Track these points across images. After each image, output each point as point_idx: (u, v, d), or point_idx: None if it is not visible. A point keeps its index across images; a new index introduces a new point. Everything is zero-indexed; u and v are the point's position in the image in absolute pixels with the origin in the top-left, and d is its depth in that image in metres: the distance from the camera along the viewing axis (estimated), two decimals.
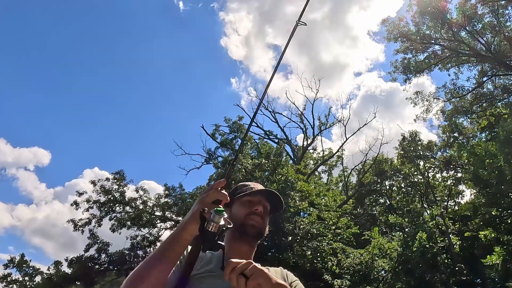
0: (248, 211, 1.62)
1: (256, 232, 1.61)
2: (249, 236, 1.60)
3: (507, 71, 20.78)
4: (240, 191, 1.72)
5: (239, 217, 1.62)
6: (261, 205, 1.65)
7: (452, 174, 23.52)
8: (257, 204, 1.64)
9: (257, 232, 1.61)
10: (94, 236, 19.60)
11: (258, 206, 1.63)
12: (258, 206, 1.64)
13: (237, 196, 1.69)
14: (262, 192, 1.68)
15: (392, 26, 20.82)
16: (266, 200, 1.69)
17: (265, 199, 1.68)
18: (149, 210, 20.41)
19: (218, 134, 21.02)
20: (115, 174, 20.48)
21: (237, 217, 1.62)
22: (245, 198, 1.66)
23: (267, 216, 1.70)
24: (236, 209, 1.67)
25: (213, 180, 21.11)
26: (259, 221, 1.62)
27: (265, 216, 1.66)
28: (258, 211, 1.62)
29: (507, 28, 20.09)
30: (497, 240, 11.83)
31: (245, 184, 1.77)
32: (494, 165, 11.09)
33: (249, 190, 1.68)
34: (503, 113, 15.77)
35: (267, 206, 1.70)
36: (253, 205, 1.64)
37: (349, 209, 23.50)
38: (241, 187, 1.75)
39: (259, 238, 1.64)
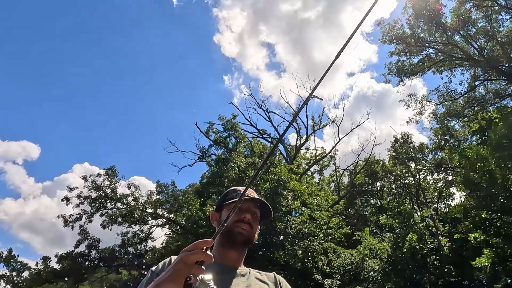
0: (236, 218, 1.61)
1: (243, 240, 1.61)
2: (237, 244, 1.61)
3: (499, 76, 21.03)
4: (230, 197, 1.73)
5: (228, 224, 1.57)
6: (249, 213, 1.65)
7: (443, 176, 23.78)
8: (245, 211, 1.64)
9: (245, 240, 1.62)
10: (84, 232, 19.45)
11: (246, 214, 1.63)
12: (246, 213, 1.63)
13: (226, 202, 1.70)
14: (251, 200, 1.68)
15: (387, 28, 20.93)
16: (256, 207, 1.70)
17: (254, 206, 1.69)
18: (141, 207, 20.30)
19: (212, 132, 21.02)
20: (107, 170, 20.34)
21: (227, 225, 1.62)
22: (233, 205, 1.64)
23: (257, 223, 1.70)
24: (224, 216, 1.65)
25: (206, 178, 21.06)
26: (247, 228, 1.62)
27: (254, 223, 1.66)
28: (246, 219, 1.62)
29: (500, 34, 20.32)
30: (487, 243, 12.00)
31: (235, 189, 1.78)
32: (485, 168, 11.24)
33: (238, 196, 1.65)
34: (494, 118, 15.92)
35: (257, 212, 1.70)
36: (241, 212, 1.63)
37: (340, 209, 23.63)
38: (231, 193, 1.76)
39: (247, 245, 1.65)
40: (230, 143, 20.13)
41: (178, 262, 1.14)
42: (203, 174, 21.83)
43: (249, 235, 1.64)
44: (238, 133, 20.27)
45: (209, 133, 21.03)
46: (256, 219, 1.70)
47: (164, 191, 20.88)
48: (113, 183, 19.99)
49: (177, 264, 1.14)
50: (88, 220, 19.72)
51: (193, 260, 1.12)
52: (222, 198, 1.78)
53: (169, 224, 21.18)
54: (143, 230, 20.70)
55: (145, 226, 20.59)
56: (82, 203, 19.65)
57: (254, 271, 1.66)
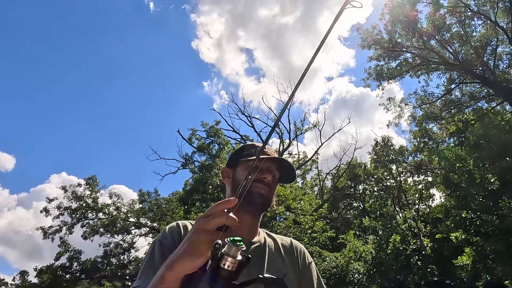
0: (255, 178, 1.35)
1: (263, 201, 1.40)
2: (255, 206, 1.39)
3: (474, 79, 21.72)
4: (247, 152, 1.50)
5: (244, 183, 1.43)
6: (270, 174, 1.43)
7: (423, 178, 24.28)
8: (266, 171, 1.41)
9: (264, 201, 1.40)
10: (65, 244, 18.97)
11: (266, 174, 1.41)
12: (266, 174, 1.41)
13: (243, 159, 1.47)
14: (272, 159, 1.44)
15: (365, 33, 21.38)
16: (276, 168, 1.47)
17: (275, 167, 1.46)
18: (123, 216, 19.96)
19: (195, 139, 20.90)
20: (88, 179, 19.96)
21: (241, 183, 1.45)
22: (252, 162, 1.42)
23: (275, 186, 1.48)
24: (240, 174, 1.45)
25: (189, 185, 20.89)
26: (266, 190, 1.41)
27: (273, 186, 1.45)
28: (266, 180, 1.40)
29: (473, 38, 21.03)
30: (467, 241, 12.29)
31: (253, 144, 1.55)
32: (464, 169, 11.55)
33: (257, 154, 1.39)
34: (471, 119, 16.42)
35: (276, 175, 1.48)
36: (261, 171, 1.38)
37: (324, 213, 23.79)
38: (249, 148, 1.53)
39: (265, 208, 1.44)
40: (214, 149, 20.07)
41: (196, 230, 0.92)
42: (186, 181, 21.66)
43: (269, 198, 1.42)
44: (221, 139, 20.24)
45: (192, 140, 20.94)
46: (275, 182, 1.47)
47: (147, 200, 20.61)
48: (94, 193, 19.62)
49: (195, 234, 0.92)
50: (69, 231, 19.27)
51: (215, 225, 0.90)
52: (238, 153, 1.54)
53: (152, 233, 20.88)
54: (126, 240, 20.38)
55: (128, 235, 20.27)
56: (62, 214, 19.20)
57: (268, 241, 1.45)
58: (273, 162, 1.45)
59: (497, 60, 21.03)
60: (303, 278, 1.42)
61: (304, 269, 1.44)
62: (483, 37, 20.70)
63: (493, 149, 10.74)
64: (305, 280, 1.42)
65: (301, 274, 1.41)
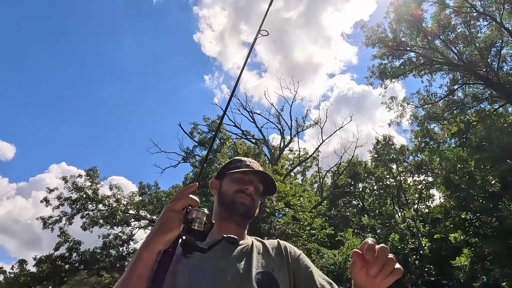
0: (238, 188, 1.51)
1: (245, 210, 1.50)
2: (238, 215, 1.50)
3: (477, 80, 21.64)
4: (233, 166, 1.60)
5: (228, 193, 1.52)
6: (252, 185, 1.54)
7: (423, 178, 24.29)
8: (248, 183, 1.53)
9: (247, 211, 1.51)
10: (64, 234, 19.03)
11: (249, 186, 1.52)
12: (249, 185, 1.52)
13: (230, 171, 1.57)
14: (255, 173, 1.56)
15: (370, 31, 21.29)
16: (259, 181, 1.58)
17: (258, 180, 1.57)
18: (123, 208, 20.00)
19: (196, 133, 20.88)
20: (88, 170, 19.97)
21: (227, 194, 1.53)
22: (237, 175, 1.55)
23: (259, 197, 1.58)
24: (226, 185, 1.56)
25: (189, 179, 20.93)
26: (249, 200, 1.51)
27: (256, 196, 1.55)
28: (248, 191, 1.51)
29: (478, 39, 20.93)
30: (466, 242, 12.32)
31: (240, 159, 1.65)
32: (464, 170, 11.55)
33: (243, 167, 1.57)
34: (473, 120, 16.40)
35: (259, 187, 1.59)
36: (244, 183, 1.53)
37: (323, 210, 23.84)
38: (235, 162, 1.63)
39: (248, 217, 1.54)
40: (215, 144, 20.05)
41: (165, 212, 1.11)
42: (186, 175, 21.68)
43: (252, 207, 1.53)
44: (222, 134, 20.23)
45: (193, 134, 20.92)
46: (258, 193, 1.58)
47: (147, 192, 20.64)
48: (95, 184, 19.64)
49: (165, 214, 1.11)
50: (68, 222, 19.31)
51: (181, 206, 1.10)
52: (225, 166, 1.65)
53: (151, 225, 20.94)
54: (125, 232, 20.41)
55: (127, 227, 20.31)
56: (62, 204, 19.23)
57: (256, 243, 1.54)
58: (256, 175, 1.56)
59: (501, 62, 20.94)
60: (297, 268, 1.47)
61: (295, 261, 1.49)
62: (488, 38, 20.60)
63: (495, 151, 10.73)
64: (300, 268, 1.47)
65: (294, 266, 1.47)
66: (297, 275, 1.44)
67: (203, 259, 1.35)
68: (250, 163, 1.61)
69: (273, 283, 1.36)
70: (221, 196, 1.56)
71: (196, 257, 1.34)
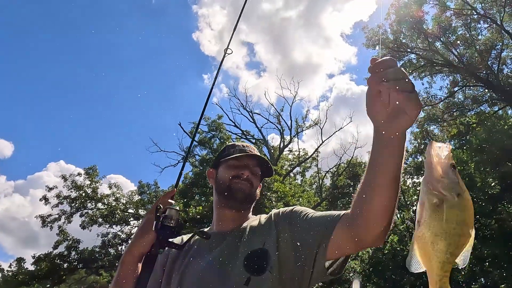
0: (234, 174, 1.49)
1: (243, 196, 1.47)
2: (236, 201, 1.47)
3: (477, 83, 21.67)
4: (227, 153, 1.57)
5: (224, 180, 1.49)
6: (248, 169, 1.50)
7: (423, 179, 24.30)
8: (243, 167, 1.50)
9: (245, 196, 1.47)
10: (63, 232, 19.02)
11: (244, 170, 1.49)
12: (244, 170, 1.49)
13: (224, 158, 1.54)
14: (250, 156, 1.53)
15: (371, 33, 21.31)
16: (256, 165, 1.54)
17: (254, 163, 1.53)
18: (122, 207, 20.00)
19: (196, 132, 20.78)
20: (88, 169, 19.96)
21: (223, 181, 1.50)
22: (231, 161, 1.52)
23: (257, 180, 1.54)
24: (221, 172, 1.54)
25: (189, 178, 20.91)
26: (246, 185, 1.48)
27: (254, 180, 1.51)
28: (244, 176, 1.48)
29: (478, 42, 20.96)
30: None
31: (234, 144, 1.62)
32: (464, 172, 11.58)
33: (236, 153, 1.53)
34: (472, 123, 16.43)
35: (256, 170, 1.55)
36: (239, 168, 1.50)
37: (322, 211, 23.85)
38: (228, 148, 1.61)
39: (249, 202, 1.51)
40: (215, 143, 20.05)
41: (144, 217, 1.33)
42: (186, 174, 21.65)
43: (250, 192, 1.49)
44: (223, 134, 20.22)
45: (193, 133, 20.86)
46: (256, 176, 1.54)
47: (146, 191, 20.63)
48: (94, 183, 19.64)
49: (143, 219, 1.32)
50: (67, 220, 19.31)
51: (154, 208, 1.30)
52: (220, 154, 1.63)
53: None
54: (124, 231, 20.42)
55: (126, 226, 20.32)
56: (61, 203, 19.23)
57: (252, 223, 1.47)
58: (252, 159, 1.54)
59: (501, 64, 20.97)
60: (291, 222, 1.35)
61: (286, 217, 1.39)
62: (488, 41, 20.63)
63: (495, 153, 10.75)
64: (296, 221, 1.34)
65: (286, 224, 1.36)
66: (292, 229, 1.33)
67: (196, 255, 1.38)
68: (244, 147, 1.57)
69: (262, 257, 1.28)
70: (217, 184, 1.54)
71: (190, 253, 1.41)
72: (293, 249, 1.29)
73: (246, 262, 1.29)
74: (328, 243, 1.20)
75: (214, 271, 1.29)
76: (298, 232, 1.30)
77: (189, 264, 1.36)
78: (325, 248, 1.20)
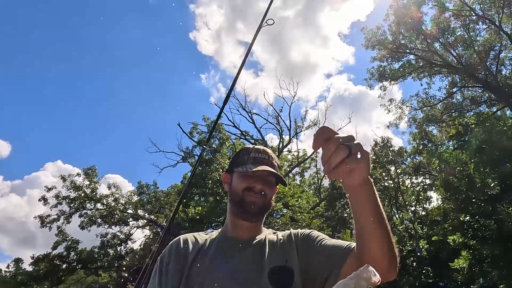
0: (246, 186, 1.45)
1: (257, 210, 1.45)
2: (249, 214, 1.45)
3: (475, 84, 21.74)
4: (240, 160, 1.53)
5: (237, 192, 1.47)
6: (260, 182, 1.46)
7: (421, 180, 24.37)
8: (256, 180, 1.46)
9: (258, 209, 1.45)
10: (62, 233, 18.97)
11: (256, 183, 1.45)
12: (256, 183, 1.45)
13: (237, 169, 1.51)
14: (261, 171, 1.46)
15: (370, 33, 21.36)
16: (270, 174, 1.48)
17: (269, 173, 1.47)
18: (121, 208, 19.96)
19: (196, 133, 20.82)
20: (87, 169, 19.93)
21: (236, 192, 1.48)
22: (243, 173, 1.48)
23: (271, 189, 1.50)
24: (235, 182, 1.51)
25: (186, 178, 20.87)
26: (259, 198, 1.45)
27: (268, 190, 1.48)
28: (256, 189, 1.45)
29: (477, 43, 21.03)
30: (464, 245, 12.38)
31: (247, 150, 1.57)
32: (464, 172, 11.62)
33: (249, 162, 1.49)
34: (471, 123, 16.48)
35: (271, 180, 1.50)
36: (252, 180, 1.46)
37: (321, 211, 23.87)
38: (242, 155, 1.56)
39: (261, 214, 1.49)
40: (214, 144, 20.03)
41: None
42: (185, 175, 21.64)
43: (263, 204, 1.46)
44: (222, 134, 20.21)
45: (193, 134, 20.87)
46: (270, 186, 1.50)
47: (146, 192, 20.59)
48: (93, 183, 19.60)
49: None
50: (66, 221, 19.27)
51: None
52: (234, 159, 1.59)
53: (150, 225, 20.91)
54: (123, 231, 20.39)
55: (125, 227, 20.28)
56: (60, 203, 19.18)
57: (270, 237, 1.48)
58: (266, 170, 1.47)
59: (500, 66, 21.05)
60: (308, 245, 1.38)
61: (305, 239, 1.42)
62: (487, 42, 20.69)
63: (495, 154, 10.80)
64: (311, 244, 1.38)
65: (305, 246, 1.39)
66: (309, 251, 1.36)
67: (216, 260, 1.36)
68: (258, 155, 1.53)
69: (287, 274, 1.31)
70: (231, 193, 1.52)
71: (208, 258, 1.38)
72: (309, 271, 1.33)
73: (271, 276, 1.30)
74: (341, 269, 1.22)
75: (238, 281, 1.29)
76: (315, 255, 1.33)
77: (210, 270, 1.34)
78: (336, 274, 1.22)
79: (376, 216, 1.06)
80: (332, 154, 0.89)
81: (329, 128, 0.94)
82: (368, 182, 1.02)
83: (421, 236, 18.71)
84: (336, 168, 0.89)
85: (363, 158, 0.92)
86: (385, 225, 1.08)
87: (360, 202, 1.05)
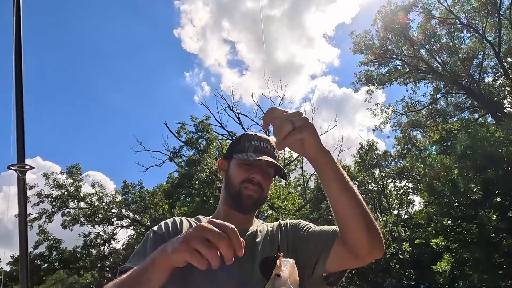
0: (244, 177, 1.41)
1: (252, 202, 1.42)
2: (246, 207, 1.42)
3: (459, 90, 22.25)
4: (241, 147, 1.47)
5: (234, 183, 1.42)
6: (260, 172, 1.42)
7: (405, 184, 24.79)
8: (255, 170, 1.41)
9: (254, 202, 1.43)
10: (44, 232, 18.56)
11: (256, 174, 1.41)
12: (256, 173, 1.41)
13: (236, 155, 1.45)
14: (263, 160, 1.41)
15: (358, 38, 21.64)
16: (270, 165, 1.45)
17: (268, 164, 1.44)
18: (105, 207, 19.65)
19: (183, 132, 20.63)
20: (70, 167, 19.56)
21: (233, 182, 1.43)
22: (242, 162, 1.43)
23: (268, 182, 1.46)
24: (233, 170, 1.45)
25: (173, 179, 20.66)
26: (256, 190, 1.41)
27: (265, 183, 1.44)
28: (255, 180, 1.41)
29: (461, 50, 21.54)
30: (447, 248, 12.65)
31: (248, 136, 1.51)
32: (448, 177, 11.88)
33: (250, 150, 1.44)
34: (454, 129, 16.84)
35: (270, 172, 1.47)
36: (251, 169, 1.41)
37: (306, 213, 23.99)
38: (243, 141, 1.49)
39: (256, 207, 1.47)
40: (202, 144, 19.90)
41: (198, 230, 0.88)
42: (170, 174, 21.40)
43: (260, 197, 1.43)
44: (210, 135, 20.10)
45: (180, 133, 20.69)
46: (268, 178, 1.46)
47: (131, 191, 20.33)
48: (77, 182, 19.25)
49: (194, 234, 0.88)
50: (48, 219, 18.85)
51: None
52: (233, 145, 1.53)
53: (134, 225, 20.67)
54: (107, 231, 20.08)
55: (109, 226, 19.97)
56: (42, 201, 18.77)
57: (260, 228, 1.46)
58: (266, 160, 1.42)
59: (482, 73, 21.60)
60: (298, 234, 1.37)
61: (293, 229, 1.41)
62: (471, 50, 21.22)
63: (478, 160, 11.08)
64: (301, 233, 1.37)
65: (294, 235, 1.38)
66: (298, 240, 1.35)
67: None
68: (260, 143, 1.47)
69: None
70: (227, 182, 1.48)
71: None
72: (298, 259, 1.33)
73: (263, 266, 1.29)
74: (328, 253, 1.23)
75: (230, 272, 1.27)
76: (303, 243, 1.33)
77: None
78: (325, 257, 1.23)
79: (342, 182, 1.12)
80: (278, 128, 1.02)
81: (277, 108, 1.09)
82: (325, 151, 1.12)
83: (404, 239, 19.01)
84: (285, 140, 1.02)
85: (306, 128, 1.04)
86: (354, 193, 1.12)
87: (323, 170, 1.13)
